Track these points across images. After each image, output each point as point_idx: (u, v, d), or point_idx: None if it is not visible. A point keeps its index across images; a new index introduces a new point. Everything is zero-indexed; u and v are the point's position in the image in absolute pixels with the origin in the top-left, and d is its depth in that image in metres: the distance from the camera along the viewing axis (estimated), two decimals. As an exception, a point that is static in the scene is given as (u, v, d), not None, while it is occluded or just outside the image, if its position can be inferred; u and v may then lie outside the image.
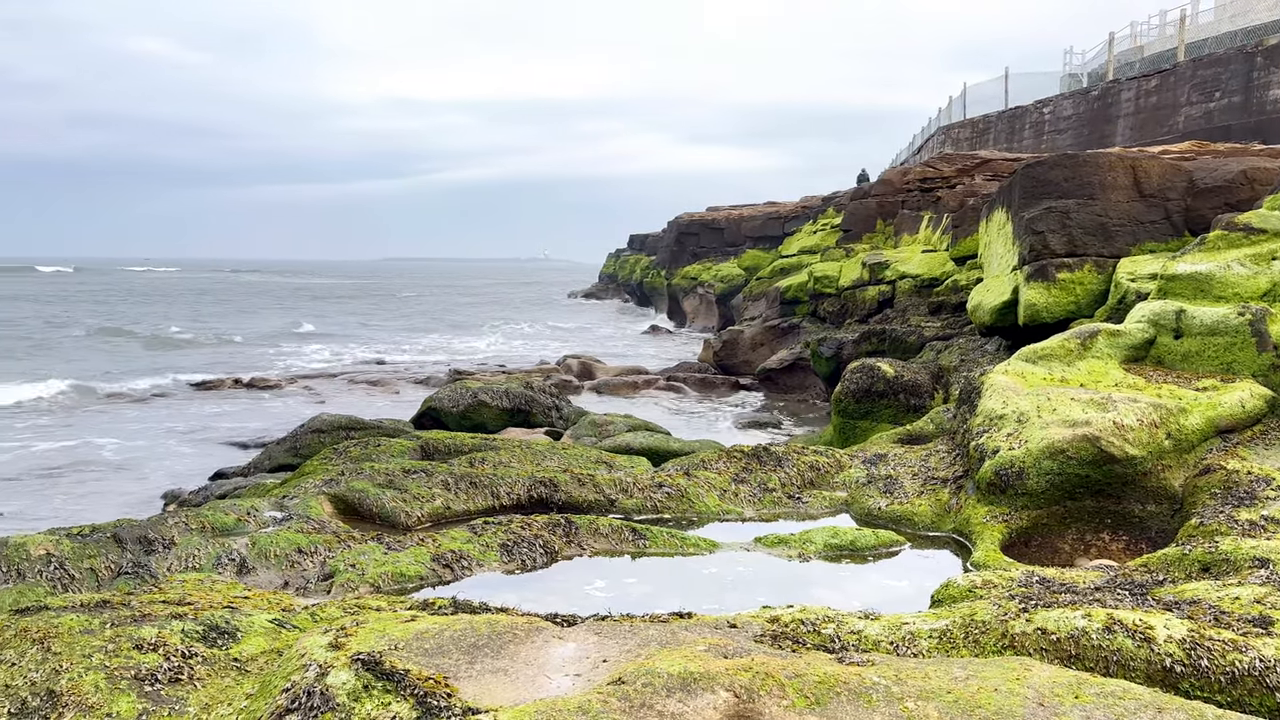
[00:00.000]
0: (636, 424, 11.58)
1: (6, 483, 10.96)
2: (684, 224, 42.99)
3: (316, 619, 3.84)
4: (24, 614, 3.75)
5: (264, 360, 26.70)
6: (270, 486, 7.79)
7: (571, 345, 30.62)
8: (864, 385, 9.53)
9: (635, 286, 52.91)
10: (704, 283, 37.07)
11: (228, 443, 13.78)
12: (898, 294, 16.75)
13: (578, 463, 7.31)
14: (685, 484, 6.53)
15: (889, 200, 22.14)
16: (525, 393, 12.62)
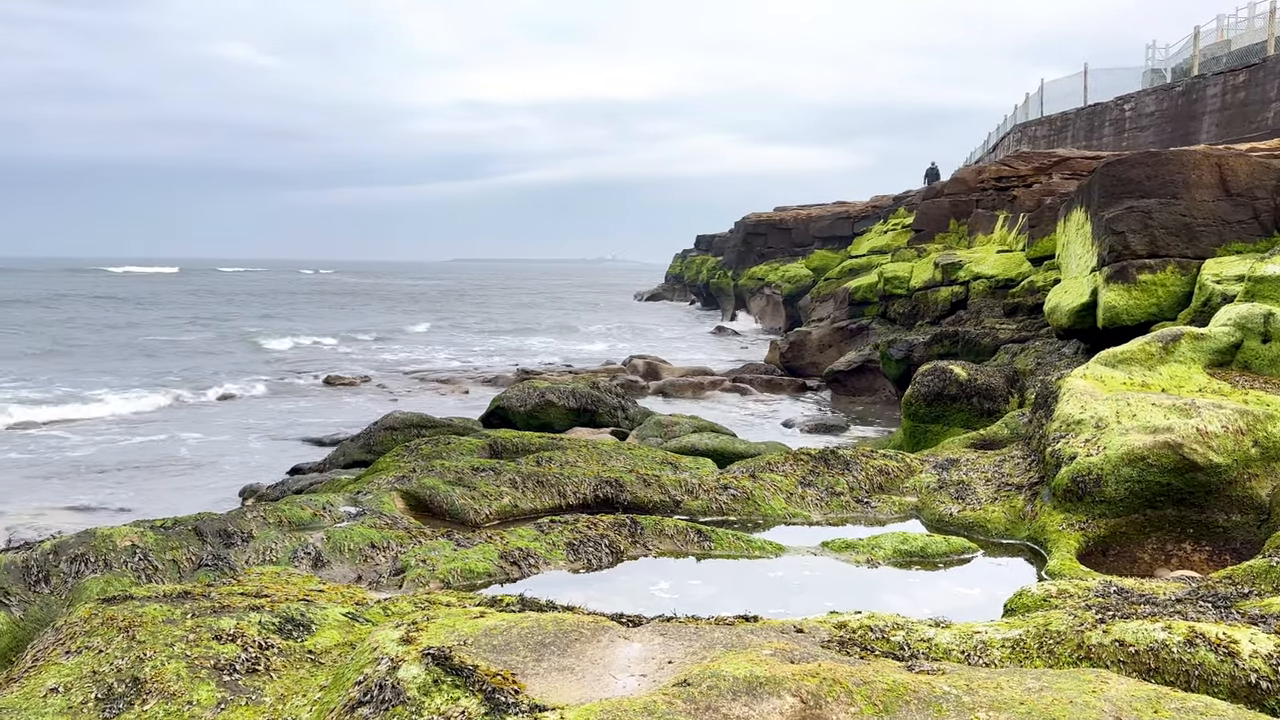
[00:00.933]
0: (702, 425, 11.56)
1: (97, 475, 11.41)
2: (751, 224, 42.76)
3: (388, 613, 3.92)
4: (110, 603, 3.90)
5: (338, 359, 27.32)
6: (345, 482, 7.97)
7: (637, 345, 30.70)
8: (936, 388, 9.37)
9: (701, 287, 52.81)
10: (771, 283, 36.83)
11: (304, 439, 14.13)
12: (971, 295, 16.43)
13: (643, 463, 7.33)
14: (751, 486, 6.50)
15: (963, 199, 21.72)
16: (591, 393, 12.69)
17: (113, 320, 40.59)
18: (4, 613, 4.41)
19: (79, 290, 67.22)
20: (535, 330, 40.07)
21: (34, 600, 4.58)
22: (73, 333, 34.03)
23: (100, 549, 4.93)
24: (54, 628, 3.83)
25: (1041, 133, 34.81)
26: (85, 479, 11.18)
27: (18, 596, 4.55)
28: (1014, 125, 38.84)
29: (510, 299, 72.46)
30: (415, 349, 31.07)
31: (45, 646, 3.67)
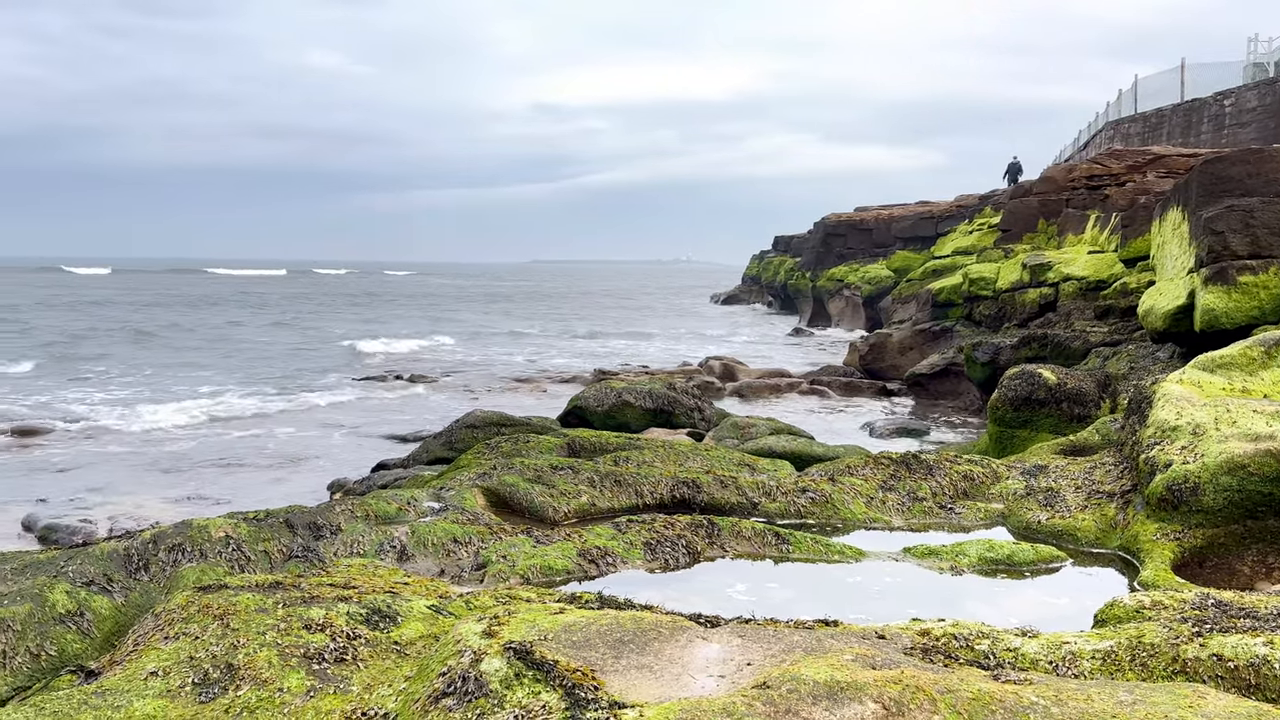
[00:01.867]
0: (779, 427, 11.48)
1: (194, 469, 11.86)
2: (830, 225, 42.27)
3: (470, 606, 3.99)
4: (206, 591, 4.05)
5: (422, 358, 27.88)
6: (428, 478, 8.13)
7: (713, 346, 30.62)
8: (1023, 392, 9.12)
9: (779, 288, 52.41)
10: (850, 285, 36.34)
11: (388, 435, 14.46)
12: (1061, 297, 15.95)
13: (720, 464, 7.31)
14: (830, 490, 6.43)
15: (1052, 199, 21.12)
16: (668, 393, 12.70)
17: (214, 321, 42.19)
18: (107, 598, 4.61)
19: (185, 292, 70.05)
20: (611, 331, 40.28)
21: (134, 587, 4.79)
22: (179, 334, 35.47)
23: (196, 539, 5.12)
24: (153, 614, 3.99)
25: (1135, 130, 33.64)
26: (184, 473, 11.64)
27: (119, 583, 4.76)
28: (1106, 123, 37.62)
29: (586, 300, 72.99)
30: (495, 349, 31.53)
31: (145, 631, 3.83)
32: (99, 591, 4.61)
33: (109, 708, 3.13)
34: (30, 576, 4.68)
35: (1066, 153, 45.92)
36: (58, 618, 4.33)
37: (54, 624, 4.30)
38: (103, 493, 10.46)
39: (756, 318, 50.02)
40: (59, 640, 4.22)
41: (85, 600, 4.48)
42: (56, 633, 4.25)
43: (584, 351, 30.52)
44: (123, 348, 29.13)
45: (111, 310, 47.58)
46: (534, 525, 5.96)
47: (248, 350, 29.14)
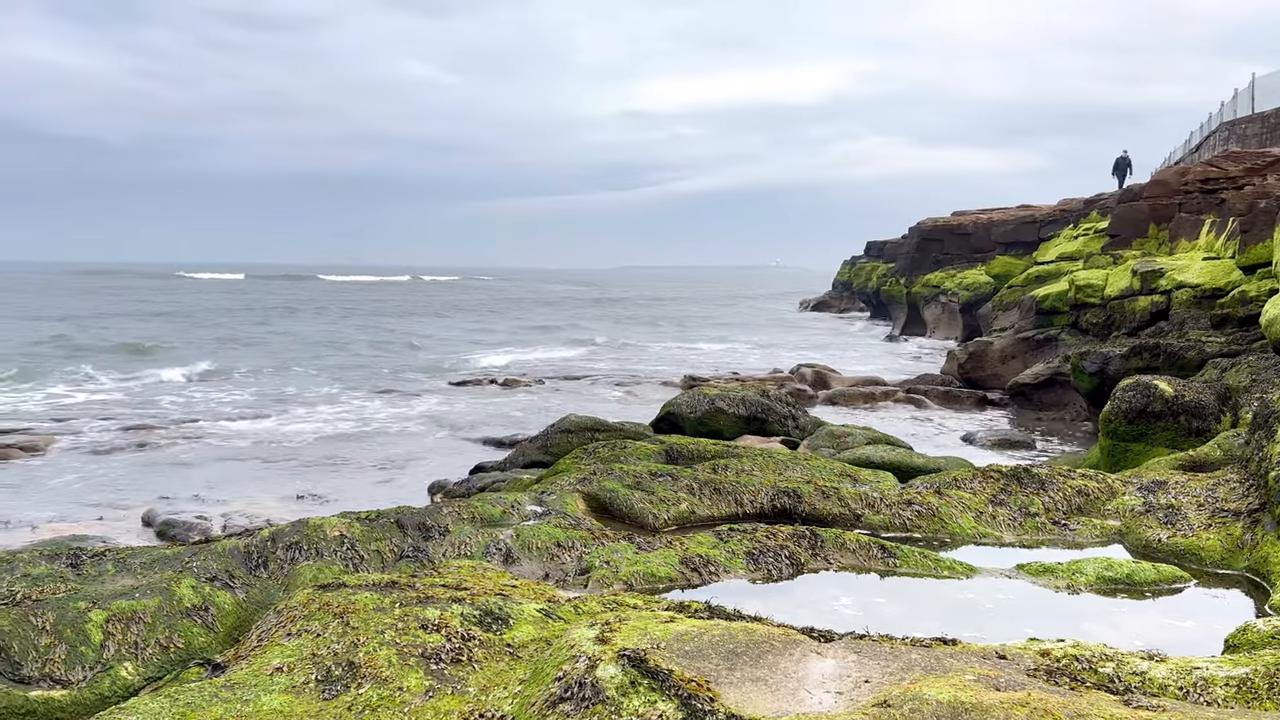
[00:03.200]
0: (877, 437, 11.27)
1: (303, 468, 12.27)
2: (926, 229, 41.37)
3: (579, 611, 4.01)
4: (326, 589, 4.17)
5: (516, 362, 28.29)
6: (527, 481, 8.24)
7: (804, 353, 30.29)
8: (1138, 405, 8.76)
9: (871, 294, 51.54)
10: (947, 291, 35.50)
11: (484, 438, 14.70)
12: (1173, 305, 15.29)
13: (821, 475, 7.21)
14: (937, 503, 6.27)
15: (1163, 202, 20.27)
16: (761, 401, 12.61)
17: (323, 326, 43.65)
18: (229, 594, 4.79)
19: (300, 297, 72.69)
20: (699, 337, 40.19)
21: (254, 583, 4.96)
22: (289, 338, 36.79)
23: (312, 538, 5.28)
24: (275, 610, 4.13)
25: (1253, 131, 32.03)
26: (292, 472, 12.05)
27: (240, 579, 4.94)
28: (1220, 123, 35.92)
29: (674, 306, 73.06)
30: (585, 354, 31.80)
31: (268, 627, 3.96)
32: (222, 587, 4.79)
33: (238, 701, 3.24)
34: (158, 571, 4.89)
35: (1176, 154, 44.01)
36: (184, 611, 4.52)
37: (181, 617, 4.48)
38: (217, 490, 10.90)
39: (847, 324, 49.30)
40: (186, 633, 4.40)
41: (209, 595, 4.66)
42: (183, 626, 4.43)
43: (673, 357, 30.53)
44: (237, 351, 30.36)
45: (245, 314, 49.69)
46: (635, 531, 5.97)
47: (353, 354, 30.04)
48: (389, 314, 53.82)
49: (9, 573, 4.76)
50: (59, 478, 11.45)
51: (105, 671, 4.09)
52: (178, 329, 39.07)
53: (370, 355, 29.74)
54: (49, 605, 4.36)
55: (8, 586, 4.61)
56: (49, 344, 31.68)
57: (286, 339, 35.50)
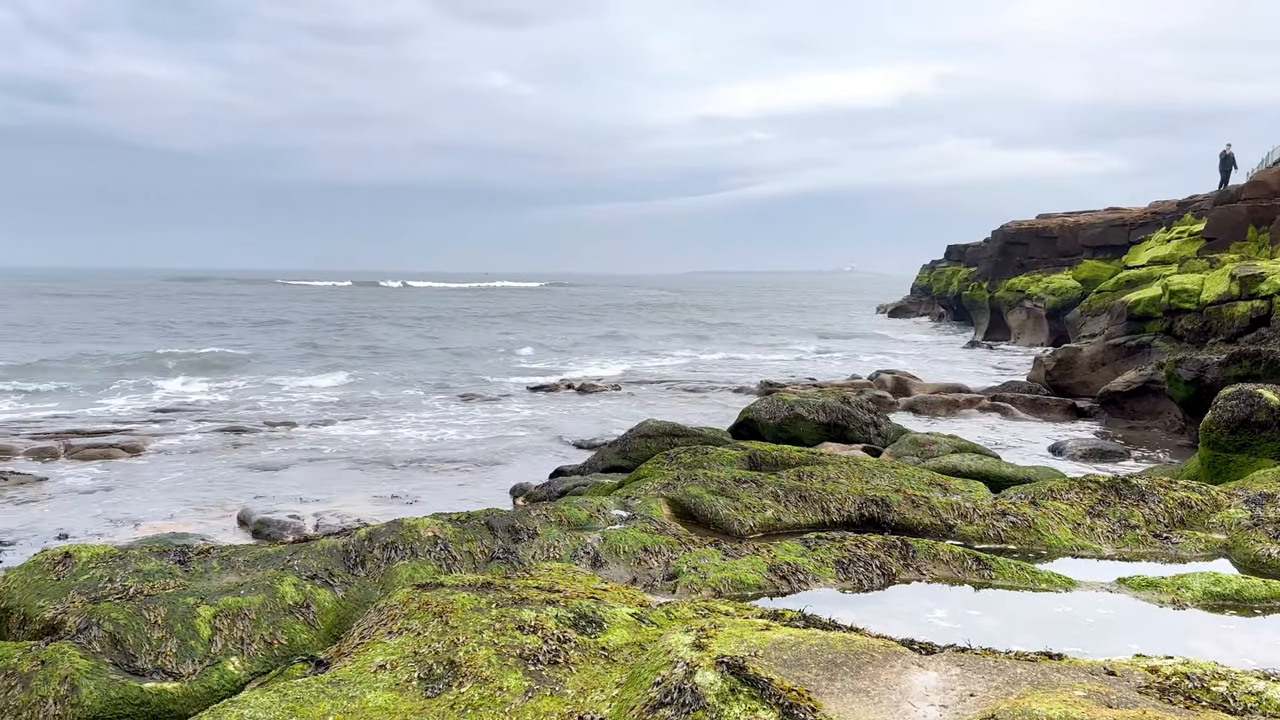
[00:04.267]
0: (963, 445, 11.05)
1: (388, 468, 12.55)
2: (1010, 233, 40.41)
3: (671, 617, 4.01)
4: (424, 589, 4.25)
5: (590, 367, 28.50)
6: (609, 486, 8.28)
7: (883, 359, 29.85)
8: (1241, 414, 8.41)
9: (952, 300, 50.52)
10: (1032, 296, 34.62)
11: (563, 442, 14.84)
12: (1275, 311, 14.66)
13: (910, 483, 7.09)
14: (1032, 513, 6.12)
15: (1263, 205, 19.46)
16: (842, 407, 12.46)
17: (405, 332, 44.64)
18: (328, 592, 4.92)
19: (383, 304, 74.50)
20: (774, 342, 39.92)
21: (352, 582, 5.08)
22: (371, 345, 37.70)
23: (407, 538, 5.39)
24: (376, 608, 4.23)
25: (1361, 127, 30.47)
26: (380, 473, 12.33)
27: (339, 578, 5.06)
28: (1325, 120, 34.20)
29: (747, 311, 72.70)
30: (659, 359, 31.85)
31: (369, 625, 4.06)
32: (322, 585, 4.92)
33: (344, 698, 3.32)
34: (261, 569, 5.05)
35: (1275, 155, 42.17)
36: (287, 608, 4.65)
37: (283, 614, 4.62)
38: (308, 490, 11.21)
39: (927, 330, 48.42)
40: (289, 630, 4.53)
41: (310, 593, 4.79)
42: (286, 623, 4.56)
43: (747, 363, 30.38)
44: (324, 356, 31.21)
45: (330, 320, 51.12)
46: (720, 538, 5.95)
47: (432, 359, 30.62)
48: (467, 319, 54.71)
49: (122, 568, 4.97)
50: (158, 477, 11.91)
51: (214, 666, 4.23)
52: (269, 335, 40.33)
53: (449, 360, 30.26)
54: (160, 600, 4.54)
55: (121, 581, 4.81)
56: (146, 348, 33.03)
57: (369, 344, 36.35)
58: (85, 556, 5.03)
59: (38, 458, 12.97)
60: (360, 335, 40.71)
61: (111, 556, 5.05)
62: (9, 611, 4.74)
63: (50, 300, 70.36)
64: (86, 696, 3.88)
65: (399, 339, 39.13)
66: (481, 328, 47.19)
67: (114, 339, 36.19)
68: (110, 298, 76.50)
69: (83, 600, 4.61)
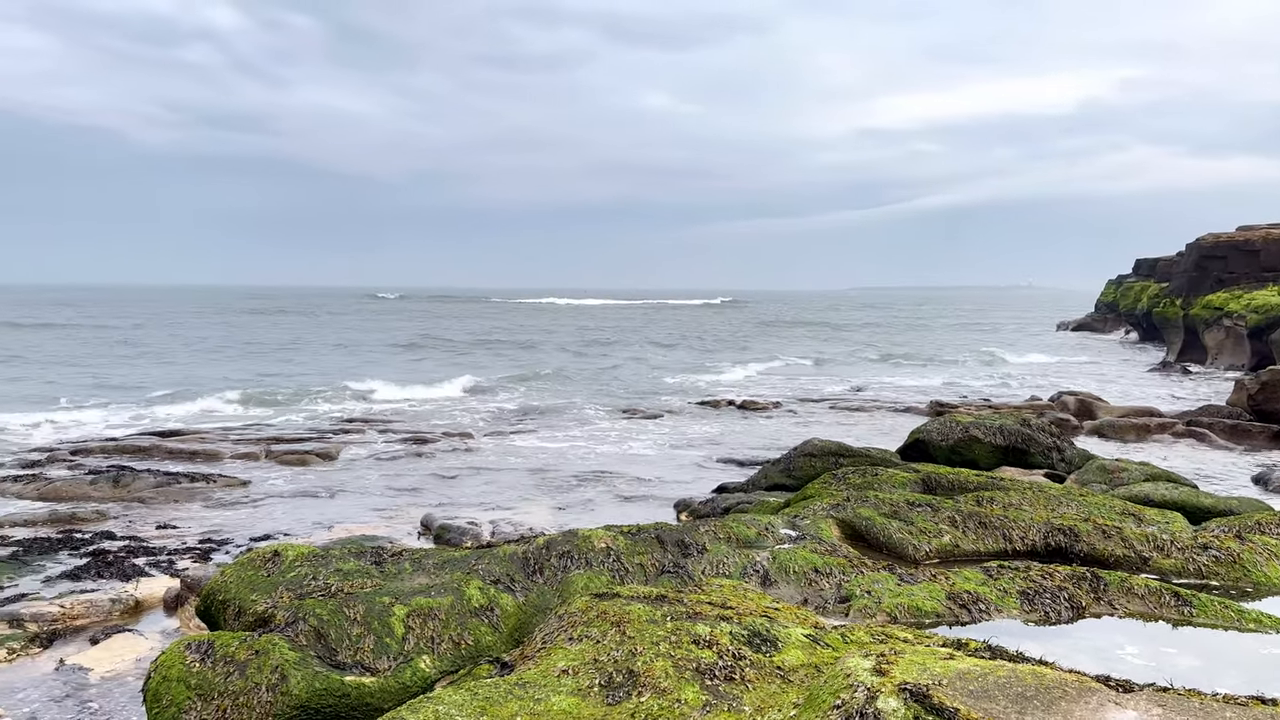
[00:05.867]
0: (1155, 473, 10.35)
1: (557, 478, 12.93)
2: (1206, 246, 37.56)
3: (846, 640, 3.97)
4: (601, 598, 4.38)
5: (745, 383, 28.40)
6: (775, 504, 8.24)
7: (1065, 380, 28.31)
8: None
9: (1141, 317, 47.37)
10: (1232, 313, 32.04)
11: (724, 459, 14.85)
12: None
13: (1100, 512, 6.73)
14: (1237, 548, 5.69)
15: None
16: (1022, 430, 11.92)
17: (571, 347, 45.95)
18: (510, 596, 5.14)
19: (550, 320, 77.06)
20: (946, 360, 38.55)
21: (531, 588, 5.29)
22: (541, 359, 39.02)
23: (582, 548, 5.56)
24: (556, 615, 4.38)
25: None
26: (550, 483, 12.72)
27: (520, 583, 5.28)
28: None
29: (917, 329, 70.53)
30: (823, 376, 31.37)
31: (551, 631, 4.22)
32: (504, 590, 5.15)
33: (530, 700, 3.47)
34: (448, 571, 5.32)
35: None
36: (473, 611, 4.89)
37: (470, 616, 4.85)
38: (485, 498, 11.70)
39: (1113, 349, 45.59)
40: (475, 631, 4.76)
41: (494, 597, 5.02)
42: (473, 624, 4.80)
43: (914, 382, 29.48)
44: (495, 369, 32.53)
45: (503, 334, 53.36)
46: (893, 562, 5.83)
47: (596, 375, 31.33)
48: (630, 336, 55.63)
49: (324, 566, 5.35)
50: (349, 483, 12.71)
51: (407, 663, 4.50)
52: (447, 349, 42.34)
53: (613, 376, 30.85)
54: (359, 598, 4.87)
55: (324, 579, 5.18)
56: (339, 361, 35.32)
57: (539, 359, 37.57)
58: (291, 555, 5.44)
59: (243, 462, 14.10)
60: (531, 349, 42.14)
61: (314, 556, 5.45)
62: (226, 604, 5.19)
63: (254, 316, 76.28)
64: (294, 685, 4.20)
65: (568, 355, 40.24)
66: (643, 343, 47.88)
67: (310, 353, 38.93)
68: (303, 314, 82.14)
69: (290, 596, 5.00)
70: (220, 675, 4.22)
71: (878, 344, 50.23)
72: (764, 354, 41.07)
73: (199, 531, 10.08)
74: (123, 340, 44.07)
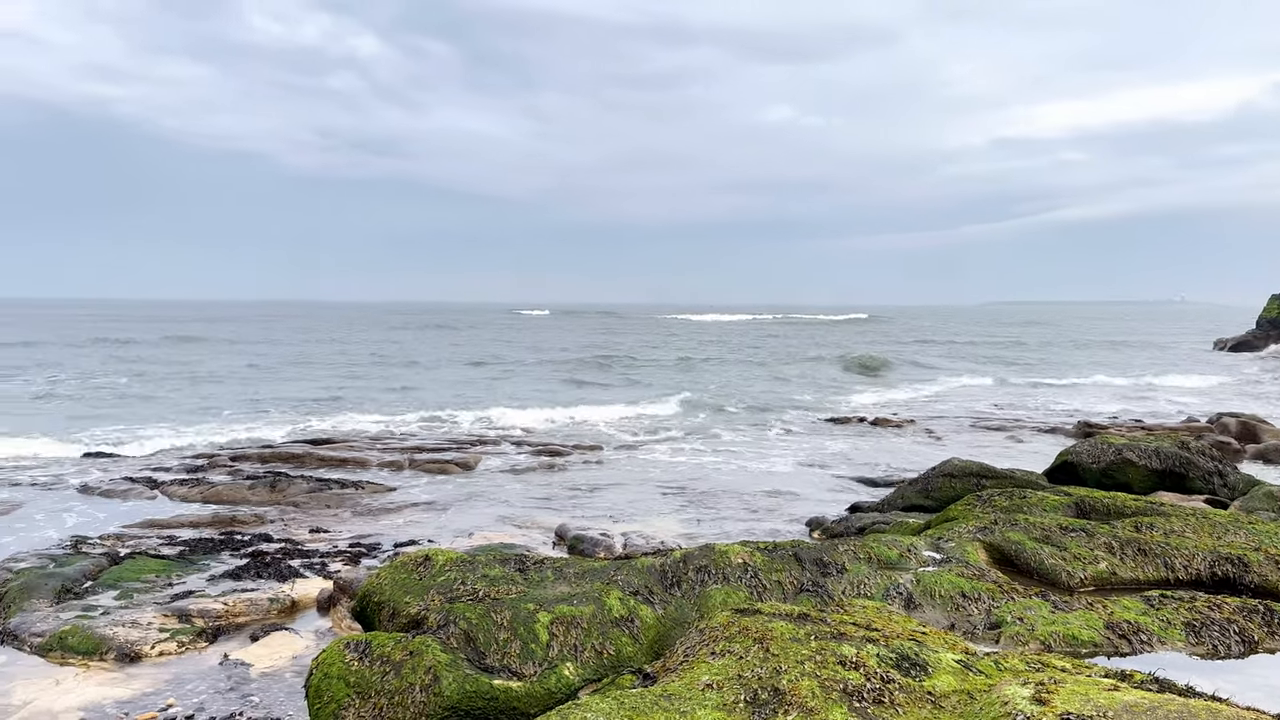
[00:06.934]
0: (1334, 501, 9.59)
1: (687, 492, 12.96)
2: (1387, 257, 34.62)
3: (1000, 667, 3.84)
4: (743, 614, 4.37)
5: (880, 400, 27.77)
6: (914, 525, 8.04)
7: (1225, 401, 26.57)
8: None
9: (1310, 334, 44.01)
10: None
11: (857, 477, 14.57)
12: None
13: (1271, 541, 6.28)
14: None
15: None
16: (1180, 453, 11.26)
17: (696, 361, 46.07)
18: (649, 608, 5.18)
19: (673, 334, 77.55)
20: (1091, 378, 36.73)
21: (670, 601, 5.32)
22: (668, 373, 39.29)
23: (719, 563, 5.56)
24: (697, 629, 4.40)
25: None
26: (679, 496, 12.78)
27: (658, 596, 5.32)
28: None
29: (1056, 343, 67.49)
30: (958, 393, 30.39)
31: (692, 645, 4.23)
32: (643, 601, 5.19)
33: (675, 712, 3.49)
34: (588, 581, 5.41)
35: None
36: (613, 621, 4.95)
37: (611, 626, 4.92)
38: (616, 510, 11.84)
39: (1278, 369, 42.51)
40: (616, 641, 4.83)
41: (634, 608, 5.08)
42: (614, 634, 4.86)
43: (1057, 401, 28.20)
44: (623, 385, 32.90)
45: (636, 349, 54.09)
46: (1045, 588, 5.60)
47: (725, 388, 31.28)
48: (758, 349, 55.28)
49: (471, 572, 5.52)
50: (487, 492, 13.08)
51: (551, 669, 4.60)
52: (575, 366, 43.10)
53: (744, 389, 30.72)
54: (505, 604, 5.00)
55: (471, 584, 5.35)
56: (480, 375, 36.43)
57: (666, 373, 37.78)
58: (440, 560, 5.64)
59: (388, 470, 14.71)
60: (656, 363, 42.42)
61: (462, 561, 5.63)
62: (381, 605, 5.41)
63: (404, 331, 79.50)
64: (446, 687, 4.34)
65: (691, 368, 40.31)
66: (773, 357, 47.49)
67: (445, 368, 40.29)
68: (448, 329, 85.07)
69: (440, 599, 5.18)
70: (377, 674, 4.42)
71: (1020, 360, 48.31)
72: (898, 369, 40.11)
73: (349, 535, 10.55)
74: (295, 358, 46.26)
